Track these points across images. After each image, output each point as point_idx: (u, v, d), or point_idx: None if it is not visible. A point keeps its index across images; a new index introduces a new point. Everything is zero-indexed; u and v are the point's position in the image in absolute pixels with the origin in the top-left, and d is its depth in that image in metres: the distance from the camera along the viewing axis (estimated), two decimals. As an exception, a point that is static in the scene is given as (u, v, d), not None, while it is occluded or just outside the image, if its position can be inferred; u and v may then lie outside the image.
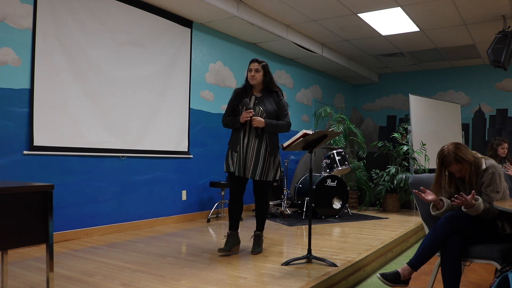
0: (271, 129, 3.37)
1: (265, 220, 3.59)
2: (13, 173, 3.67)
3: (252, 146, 3.36)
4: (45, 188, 1.98)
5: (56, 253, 3.32)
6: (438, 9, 5.50)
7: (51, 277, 2.00)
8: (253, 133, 3.37)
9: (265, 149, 3.37)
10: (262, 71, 3.43)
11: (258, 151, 3.36)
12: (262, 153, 3.37)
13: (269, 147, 3.39)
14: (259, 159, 3.36)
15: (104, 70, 4.43)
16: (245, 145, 3.37)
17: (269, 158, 3.40)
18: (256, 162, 3.36)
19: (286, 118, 3.44)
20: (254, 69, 3.42)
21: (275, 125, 3.38)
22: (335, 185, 5.68)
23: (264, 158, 3.37)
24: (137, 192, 4.79)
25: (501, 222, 2.45)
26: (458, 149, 2.51)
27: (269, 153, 3.39)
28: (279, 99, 3.47)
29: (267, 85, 3.46)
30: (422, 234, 4.89)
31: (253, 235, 3.60)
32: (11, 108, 3.70)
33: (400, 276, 2.51)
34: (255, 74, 3.41)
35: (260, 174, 3.36)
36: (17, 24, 3.73)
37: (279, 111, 3.44)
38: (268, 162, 3.39)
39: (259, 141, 3.36)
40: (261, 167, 3.36)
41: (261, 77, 3.43)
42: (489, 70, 7.75)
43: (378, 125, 9.35)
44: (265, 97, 3.44)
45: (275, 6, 5.50)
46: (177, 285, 2.63)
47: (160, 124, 5.07)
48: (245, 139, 3.38)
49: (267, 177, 3.40)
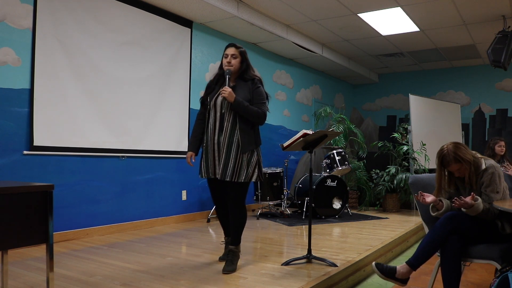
0: (239, 108, 2.90)
1: (241, 231, 3.06)
2: (13, 173, 3.67)
3: (223, 143, 2.95)
4: (45, 188, 1.98)
5: (56, 253, 3.32)
6: (438, 9, 5.50)
7: (51, 277, 2.00)
8: (223, 128, 2.96)
9: (236, 146, 2.93)
10: (239, 57, 3.01)
11: (228, 148, 2.94)
12: (234, 150, 2.93)
13: (241, 143, 2.93)
14: (229, 157, 2.93)
15: (104, 70, 4.43)
16: (216, 140, 2.97)
17: (241, 156, 2.93)
18: (227, 161, 2.93)
19: (261, 107, 2.98)
20: (230, 54, 3.00)
21: (245, 106, 2.90)
22: (335, 185, 5.68)
23: (236, 156, 2.93)
24: (137, 192, 4.79)
25: (501, 222, 2.45)
26: (458, 149, 2.52)
27: (241, 150, 2.93)
28: (255, 87, 3.02)
29: (243, 74, 3.04)
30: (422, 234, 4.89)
31: (222, 240, 3.16)
32: (11, 108, 3.70)
33: (396, 272, 2.52)
34: (231, 60, 2.99)
35: (231, 174, 2.91)
36: (17, 24, 3.73)
37: (254, 99, 2.98)
38: (240, 160, 2.93)
39: (229, 137, 2.94)
40: (232, 167, 2.92)
41: (238, 64, 3.01)
42: (489, 70, 7.75)
43: (378, 125, 9.34)
44: (239, 86, 3.00)
45: (275, 6, 5.50)
46: (177, 285, 2.63)
47: (160, 124, 5.07)
48: (215, 134, 2.98)
49: (239, 177, 2.91)
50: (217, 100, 3.00)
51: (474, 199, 2.38)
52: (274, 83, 7.19)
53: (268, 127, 6.95)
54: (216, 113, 2.99)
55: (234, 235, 3.04)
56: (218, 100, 2.99)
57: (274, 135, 7.08)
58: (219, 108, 2.98)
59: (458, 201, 2.37)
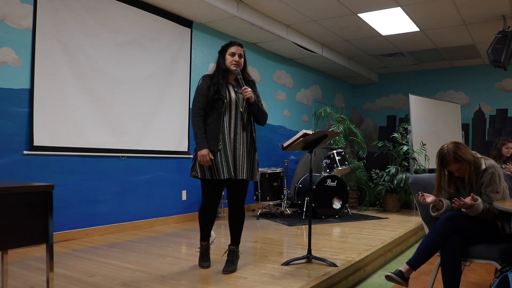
0: (258, 108, 2.94)
1: (241, 232, 3.06)
2: (13, 173, 3.67)
3: (241, 141, 2.88)
4: (45, 188, 1.98)
5: (56, 253, 3.32)
6: (438, 9, 5.50)
7: (51, 277, 2.00)
8: (239, 125, 2.88)
9: (252, 145, 2.94)
10: (243, 56, 2.98)
11: (247, 147, 2.91)
12: (251, 149, 2.94)
13: (255, 142, 2.97)
14: (250, 157, 2.92)
15: (104, 70, 4.43)
16: (232, 139, 2.86)
17: (254, 155, 2.96)
18: (248, 160, 2.90)
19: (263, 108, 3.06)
20: (238, 53, 2.93)
21: (261, 107, 2.97)
22: (335, 185, 5.68)
23: (253, 156, 2.95)
24: (137, 192, 4.79)
25: (501, 222, 2.45)
26: (458, 148, 2.52)
27: (254, 148, 2.96)
28: (255, 88, 3.05)
29: (244, 74, 3.01)
30: (422, 234, 4.89)
31: (226, 250, 3.06)
32: (11, 108, 3.70)
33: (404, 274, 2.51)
34: (239, 60, 2.94)
35: (251, 174, 2.92)
36: (17, 24, 3.73)
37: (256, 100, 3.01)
38: (254, 160, 2.95)
39: (247, 136, 2.91)
40: (252, 166, 2.93)
41: (242, 64, 2.97)
42: (489, 70, 7.75)
43: (378, 125, 9.34)
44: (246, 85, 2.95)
45: (275, 6, 5.50)
46: (177, 285, 2.63)
47: (160, 124, 5.07)
48: (231, 133, 2.87)
49: (255, 176, 2.94)
50: (231, 97, 2.89)
51: (474, 199, 2.38)
52: (274, 83, 7.19)
53: (268, 127, 6.95)
54: (232, 111, 2.89)
55: (238, 236, 3.03)
56: (233, 98, 2.90)
57: (274, 135, 7.08)
58: (235, 107, 2.90)
59: (457, 202, 2.38)
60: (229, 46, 2.96)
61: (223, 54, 2.97)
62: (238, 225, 3.02)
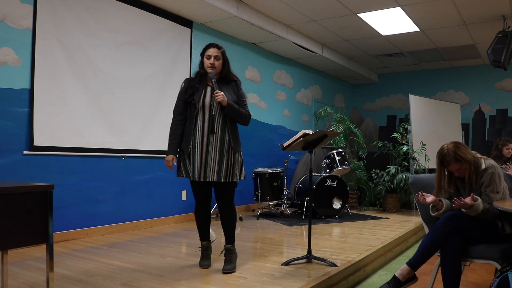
0: (232, 111, 2.93)
1: (234, 230, 3.09)
2: (13, 173, 3.67)
3: (213, 144, 2.91)
4: (45, 188, 1.98)
5: (56, 253, 3.32)
6: (438, 9, 5.50)
7: (51, 277, 2.00)
8: (214, 129, 2.91)
9: (227, 147, 2.94)
10: (221, 58, 2.97)
11: (220, 149, 2.92)
12: (225, 151, 2.93)
13: (233, 144, 2.96)
14: (222, 159, 2.92)
15: (104, 70, 4.43)
16: (205, 142, 2.91)
17: (234, 156, 2.95)
18: (220, 162, 2.91)
19: (246, 109, 3.04)
20: (213, 56, 2.93)
21: (236, 109, 2.94)
22: (335, 185, 5.68)
23: (228, 157, 2.93)
24: (137, 192, 4.79)
25: (501, 222, 2.45)
26: (458, 148, 2.52)
27: (233, 150, 2.95)
28: (238, 89, 3.05)
29: (225, 75, 3.01)
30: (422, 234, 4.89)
31: (223, 250, 3.09)
32: (11, 108, 3.70)
33: (399, 278, 2.51)
34: (215, 62, 2.93)
35: (225, 175, 2.92)
36: (17, 24, 3.73)
37: (238, 101, 3.02)
38: (232, 161, 2.95)
39: (221, 138, 2.92)
40: (225, 167, 2.92)
41: (220, 65, 2.97)
42: (489, 70, 7.75)
43: (378, 125, 9.34)
44: (225, 88, 2.97)
45: (275, 6, 5.50)
46: (177, 285, 2.63)
47: (160, 124, 5.06)
48: (204, 136, 2.91)
49: (233, 177, 2.94)
50: (205, 101, 2.94)
51: (473, 199, 2.38)
52: (274, 83, 7.19)
53: (268, 127, 6.96)
54: (205, 114, 2.93)
55: (230, 234, 3.06)
56: (207, 102, 2.94)
57: (274, 135, 7.08)
58: (208, 110, 2.93)
59: (457, 202, 2.37)
60: (206, 48, 2.99)
61: (202, 57, 3.01)
62: (229, 223, 3.05)
